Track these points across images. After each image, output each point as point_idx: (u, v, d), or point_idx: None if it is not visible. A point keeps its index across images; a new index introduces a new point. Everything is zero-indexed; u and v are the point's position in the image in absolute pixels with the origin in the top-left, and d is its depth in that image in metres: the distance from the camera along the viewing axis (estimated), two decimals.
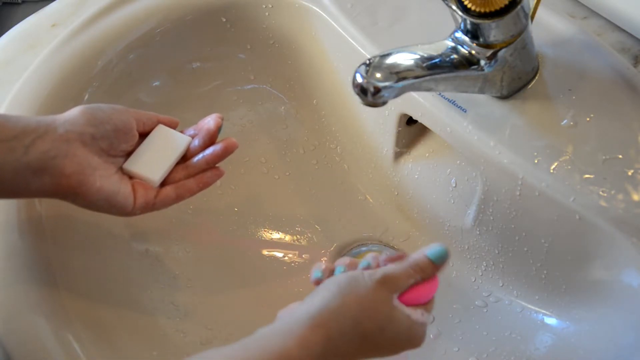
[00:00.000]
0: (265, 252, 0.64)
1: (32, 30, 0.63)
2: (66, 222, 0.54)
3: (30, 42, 0.62)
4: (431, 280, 0.45)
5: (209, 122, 0.52)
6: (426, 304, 0.44)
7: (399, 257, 0.45)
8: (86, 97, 0.58)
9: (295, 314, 0.40)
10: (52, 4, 0.65)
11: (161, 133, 0.52)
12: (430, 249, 0.44)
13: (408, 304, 0.43)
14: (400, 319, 0.42)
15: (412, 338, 0.43)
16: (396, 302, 0.42)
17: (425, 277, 0.44)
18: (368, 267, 0.45)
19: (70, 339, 0.48)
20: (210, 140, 0.52)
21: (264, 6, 0.63)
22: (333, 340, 0.39)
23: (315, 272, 0.45)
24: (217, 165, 0.52)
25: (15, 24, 0.64)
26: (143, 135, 0.51)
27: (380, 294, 0.42)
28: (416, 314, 0.43)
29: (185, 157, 0.52)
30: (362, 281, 0.42)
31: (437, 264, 0.44)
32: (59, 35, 0.60)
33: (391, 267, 0.43)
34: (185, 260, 0.61)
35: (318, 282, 0.45)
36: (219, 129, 0.52)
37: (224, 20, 0.64)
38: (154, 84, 0.63)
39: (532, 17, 0.50)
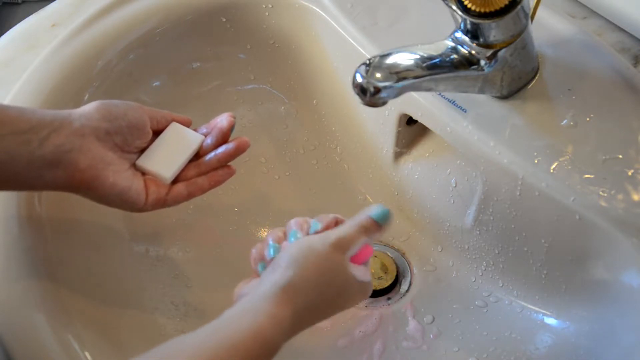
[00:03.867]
0: None
1: (32, 30, 0.63)
2: (66, 221, 0.54)
3: (30, 42, 0.62)
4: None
5: (222, 120, 0.53)
6: (364, 264, 0.48)
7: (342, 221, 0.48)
8: (86, 97, 0.58)
9: (259, 292, 0.41)
10: (52, 4, 0.65)
11: (174, 131, 0.52)
12: (373, 211, 0.47)
13: (360, 262, 0.46)
14: (353, 280, 0.45)
15: (363, 294, 0.46)
16: (349, 264, 0.45)
17: (370, 236, 0.46)
18: (316, 231, 0.47)
19: (69, 338, 0.48)
20: (223, 138, 0.52)
21: (264, 6, 0.63)
22: (299, 312, 0.41)
23: (269, 252, 0.47)
24: (228, 163, 0.53)
25: (15, 24, 0.64)
26: (156, 133, 0.52)
27: (336, 257, 0.44)
28: (360, 272, 0.45)
29: (197, 155, 0.52)
30: (317, 247, 0.44)
31: (380, 224, 0.46)
32: (59, 35, 0.60)
33: (342, 230, 0.46)
34: (185, 260, 0.61)
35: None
36: (231, 127, 0.52)
37: (224, 20, 0.64)
38: (154, 84, 0.63)
39: (532, 17, 0.50)
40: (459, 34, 0.47)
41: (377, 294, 0.61)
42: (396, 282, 0.61)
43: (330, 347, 0.58)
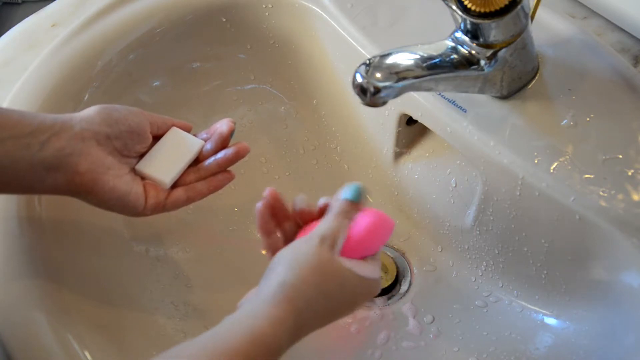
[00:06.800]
0: (265, 252, 0.64)
1: (32, 30, 0.63)
2: (66, 221, 0.54)
3: (30, 42, 0.62)
4: (367, 222, 0.46)
5: (222, 126, 0.53)
6: (374, 254, 0.47)
7: (319, 211, 0.47)
8: (86, 97, 0.58)
9: (259, 297, 0.41)
10: (52, 4, 0.65)
11: (174, 136, 0.52)
12: (345, 191, 0.46)
13: (359, 254, 0.45)
14: (350, 274, 0.43)
15: (369, 290, 0.45)
16: (338, 257, 0.44)
17: (351, 218, 0.45)
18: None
19: (69, 338, 0.48)
20: (223, 144, 0.52)
21: (264, 6, 0.63)
22: (301, 312, 0.40)
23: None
24: (228, 168, 0.53)
25: (15, 24, 0.64)
26: (156, 138, 0.52)
27: (325, 254, 0.43)
28: (360, 266, 0.44)
29: (197, 160, 0.53)
30: (303, 249, 0.43)
31: (356, 202, 0.46)
32: (59, 35, 0.60)
33: (323, 226, 0.45)
34: (185, 260, 0.61)
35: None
36: (231, 133, 0.52)
37: (224, 20, 0.64)
38: (154, 84, 0.63)
39: (532, 17, 0.50)
40: (459, 34, 0.47)
41: None
42: (396, 282, 0.61)
43: (330, 346, 0.58)
